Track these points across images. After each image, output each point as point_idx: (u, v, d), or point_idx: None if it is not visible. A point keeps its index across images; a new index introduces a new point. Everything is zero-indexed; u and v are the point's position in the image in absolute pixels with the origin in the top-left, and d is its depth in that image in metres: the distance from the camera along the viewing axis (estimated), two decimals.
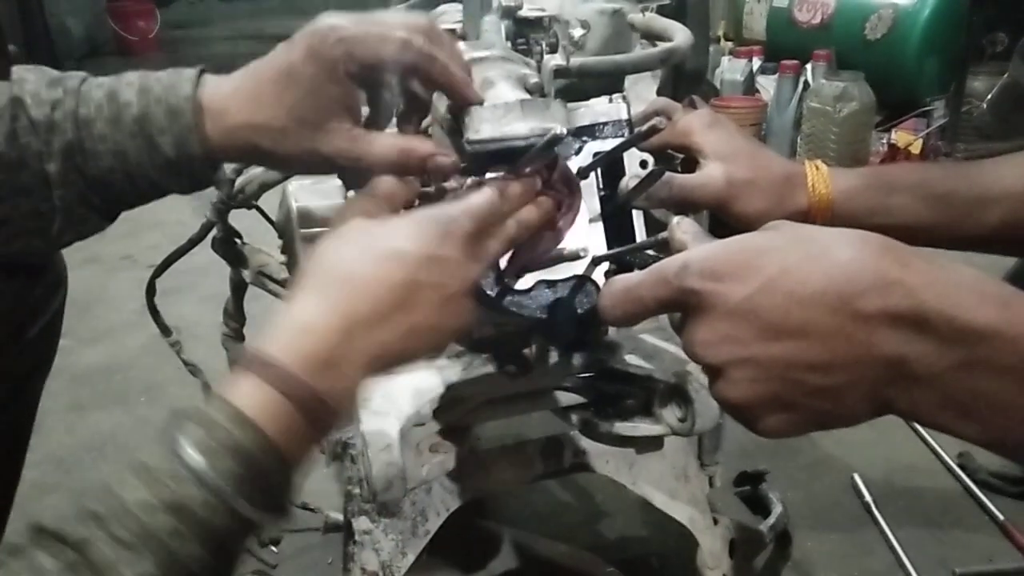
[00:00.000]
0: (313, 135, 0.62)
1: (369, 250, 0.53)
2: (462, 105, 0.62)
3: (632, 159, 0.73)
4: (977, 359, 0.42)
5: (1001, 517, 1.36)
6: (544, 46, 0.78)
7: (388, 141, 0.63)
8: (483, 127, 0.58)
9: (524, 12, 0.77)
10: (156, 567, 0.42)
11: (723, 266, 0.47)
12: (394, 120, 0.67)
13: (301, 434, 0.49)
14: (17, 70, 0.64)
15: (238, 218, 1.13)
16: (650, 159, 0.74)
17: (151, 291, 1.22)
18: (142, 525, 0.43)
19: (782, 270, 0.45)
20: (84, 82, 0.64)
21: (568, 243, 0.68)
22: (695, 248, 0.51)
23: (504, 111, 0.58)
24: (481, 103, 0.62)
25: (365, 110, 0.66)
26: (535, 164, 0.61)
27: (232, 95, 0.63)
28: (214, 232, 1.14)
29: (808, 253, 0.46)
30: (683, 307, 0.50)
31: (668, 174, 0.71)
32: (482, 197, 0.58)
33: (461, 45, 0.68)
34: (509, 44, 0.75)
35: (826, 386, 0.45)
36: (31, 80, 0.63)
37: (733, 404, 0.48)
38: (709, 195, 0.73)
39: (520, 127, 0.58)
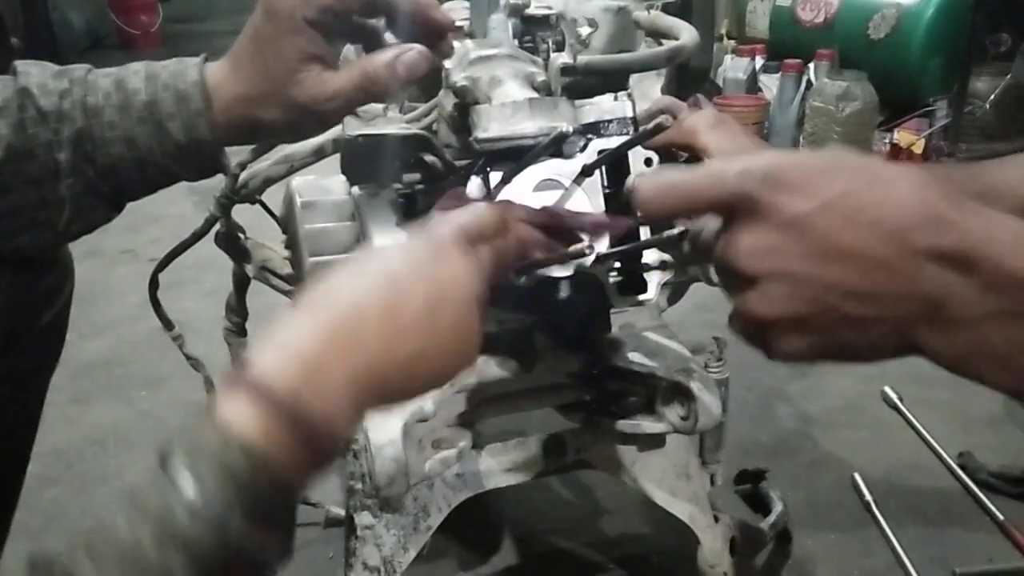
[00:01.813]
0: (288, 91, 0.62)
1: (358, 270, 0.52)
2: (433, 29, 0.62)
3: (637, 157, 0.73)
4: (1019, 309, 0.41)
5: (1001, 517, 1.37)
6: (551, 44, 0.78)
7: (352, 68, 0.63)
8: (492, 125, 0.58)
9: (531, 10, 0.77)
10: None
11: (788, 177, 0.46)
12: None
13: (293, 456, 0.45)
14: (20, 64, 0.65)
15: (241, 213, 1.13)
16: (655, 157, 0.74)
17: (154, 285, 1.22)
18: (132, 560, 0.40)
19: (844, 193, 0.44)
20: (90, 72, 0.65)
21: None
22: (758, 155, 0.49)
23: (512, 110, 0.59)
24: (451, 25, 0.62)
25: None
26: (540, 159, 0.61)
27: (221, 73, 0.64)
28: (217, 227, 1.14)
29: (871, 181, 0.45)
30: (731, 211, 0.48)
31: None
32: (469, 212, 0.56)
33: (469, 43, 0.68)
34: (516, 42, 0.75)
35: (859, 316, 0.44)
36: (35, 72, 0.64)
37: (758, 319, 0.47)
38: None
39: (529, 126, 0.58)
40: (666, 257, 0.74)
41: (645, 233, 0.74)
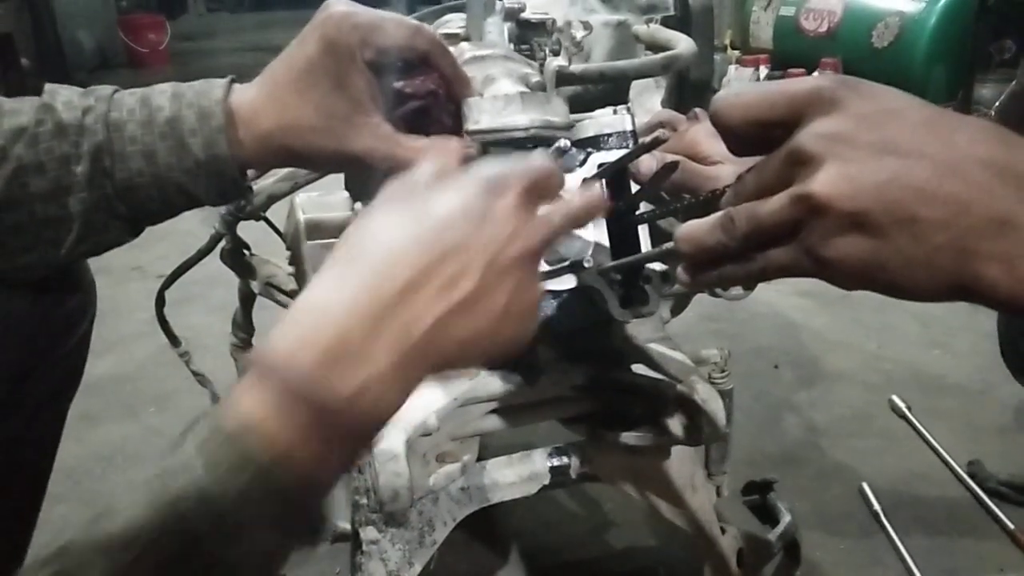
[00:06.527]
0: (343, 131, 0.61)
1: (402, 215, 0.46)
2: (460, 99, 0.62)
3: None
4: None
5: (1012, 526, 1.35)
6: (547, 50, 0.79)
7: (418, 143, 0.62)
8: (483, 118, 0.58)
9: (527, 15, 0.77)
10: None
11: (864, 85, 0.46)
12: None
13: (321, 445, 0.41)
14: (50, 86, 0.64)
15: (246, 229, 1.14)
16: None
17: (160, 302, 1.22)
18: (137, 551, 0.38)
19: (918, 105, 0.46)
20: (116, 91, 0.65)
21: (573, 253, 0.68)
22: None
23: (504, 103, 0.59)
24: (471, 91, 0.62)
25: None
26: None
27: (258, 99, 0.63)
28: (223, 243, 1.15)
29: (941, 111, 0.46)
30: (805, 112, 0.46)
31: (682, 159, 0.72)
32: (539, 160, 0.50)
33: (464, 45, 0.69)
34: (512, 46, 0.76)
35: (923, 218, 0.41)
36: (63, 92, 0.64)
37: (818, 203, 0.42)
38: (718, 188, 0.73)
39: (520, 118, 0.58)
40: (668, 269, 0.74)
41: (646, 245, 0.74)
